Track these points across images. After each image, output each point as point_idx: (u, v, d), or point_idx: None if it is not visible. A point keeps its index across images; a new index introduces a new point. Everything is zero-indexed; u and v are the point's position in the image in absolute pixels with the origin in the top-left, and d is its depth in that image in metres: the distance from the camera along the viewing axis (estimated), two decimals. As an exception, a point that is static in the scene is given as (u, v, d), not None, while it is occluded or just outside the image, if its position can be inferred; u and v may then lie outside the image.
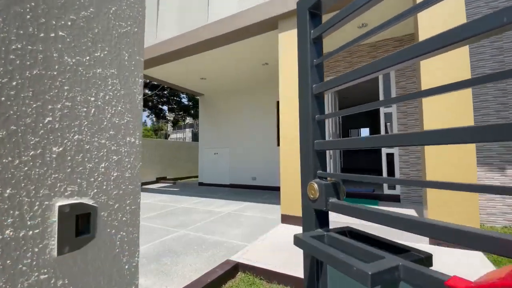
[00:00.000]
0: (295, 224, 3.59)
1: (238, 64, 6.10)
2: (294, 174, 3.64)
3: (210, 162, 8.59)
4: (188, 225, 3.94)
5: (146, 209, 5.16)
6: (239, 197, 6.23)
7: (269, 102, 7.35)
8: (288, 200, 3.70)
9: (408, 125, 4.48)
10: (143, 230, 3.76)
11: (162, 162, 10.12)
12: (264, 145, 7.40)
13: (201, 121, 9.00)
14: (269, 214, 4.51)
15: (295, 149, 3.65)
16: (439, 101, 2.82)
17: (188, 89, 8.29)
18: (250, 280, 2.26)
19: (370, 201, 4.68)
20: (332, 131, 5.47)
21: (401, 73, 4.58)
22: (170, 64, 6.13)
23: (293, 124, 3.69)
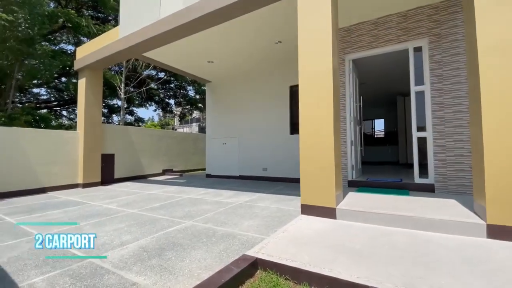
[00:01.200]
0: (318, 215, 3.11)
1: (248, 43, 5.60)
2: (316, 159, 3.16)
3: (218, 153, 8.16)
4: (195, 216, 3.51)
5: (149, 200, 4.77)
6: (249, 188, 5.78)
7: (282, 87, 6.83)
8: (309, 189, 3.22)
9: (444, 104, 3.92)
10: (144, 220, 3.35)
11: (169, 154, 9.75)
12: (275, 134, 6.91)
13: (208, 110, 8.56)
14: (285, 205, 4.05)
15: (317, 133, 3.16)
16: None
17: (195, 75, 7.83)
18: (273, 281, 1.81)
19: (399, 191, 4.16)
20: (353, 115, 4.94)
21: (436, 45, 4.01)
22: (175, 46, 5.67)
23: (315, 105, 3.19)
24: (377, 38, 4.50)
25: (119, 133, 8.00)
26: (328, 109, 3.08)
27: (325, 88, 3.12)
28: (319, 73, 3.17)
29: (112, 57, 6.14)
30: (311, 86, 3.23)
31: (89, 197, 5.24)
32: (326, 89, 3.11)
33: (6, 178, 5.41)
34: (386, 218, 2.73)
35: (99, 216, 3.65)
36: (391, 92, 9.99)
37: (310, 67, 3.26)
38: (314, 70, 3.21)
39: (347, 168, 4.72)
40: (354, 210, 2.92)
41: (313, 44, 3.22)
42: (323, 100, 3.12)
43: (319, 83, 3.17)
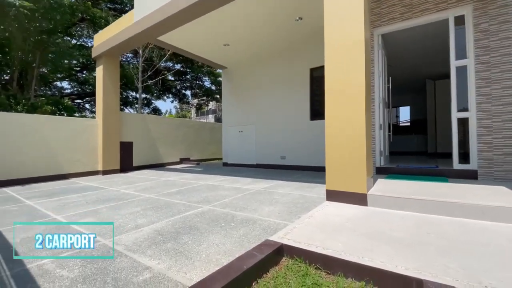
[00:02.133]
0: (346, 201, 2.82)
1: (266, 21, 5.27)
2: (344, 142, 2.85)
3: (234, 141, 7.97)
4: (212, 201, 3.33)
5: (166, 186, 4.67)
6: (267, 176, 5.55)
7: (302, 70, 6.45)
8: (336, 174, 2.92)
9: (491, 80, 3.43)
10: (161, 205, 3.22)
11: (186, 142, 9.72)
12: (294, 120, 6.59)
13: (225, 98, 8.35)
14: (307, 191, 3.78)
15: (346, 113, 2.84)
16: None
17: (210, 60, 7.61)
18: (302, 269, 1.57)
19: (436, 177, 3.75)
20: (383, 96, 4.52)
21: (482, 12, 3.50)
22: (190, 28, 5.46)
23: (344, 82, 2.86)
24: (412, 7, 4.02)
25: (137, 121, 8.01)
26: (359, 86, 2.75)
27: (356, 62, 2.78)
28: (349, 45, 2.82)
29: (127, 42, 6.04)
30: (339, 60, 2.89)
31: (108, 183, 5.24)
32: (357, 64, 2.77)
33: (30, 165, 5.54)
34: (428, 205, 2.40)
35: (116, 200, 3.57)
36: (420, 75, 9.27)
37: (338, 37, 2.91)
38: (343, 41, 2.87)
39: (375, 154, 4.35)
40: (389, 196, 2.60)
41: (343, 10, 2.87)
42: (353, 76, 2.79)
43: (348, 56, 2.82)
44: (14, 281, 1.50)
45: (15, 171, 5.30)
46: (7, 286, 1.45)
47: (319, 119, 6.14)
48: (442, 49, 6.27)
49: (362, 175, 2.74)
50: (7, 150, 5.22)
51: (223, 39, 6.16)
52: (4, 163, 5.16)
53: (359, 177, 2.76)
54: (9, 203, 3.59)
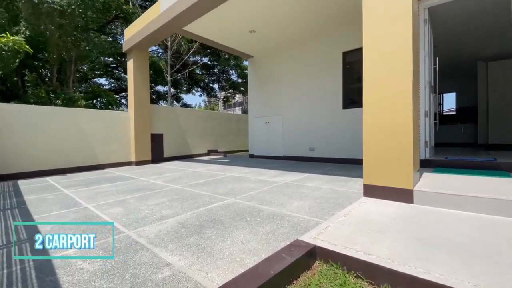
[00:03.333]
0: (388, 198, 2.49)
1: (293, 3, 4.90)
2: (386, 132, 2.50)
3: (261, 132, 7.78)
4: (238, 194, 3.19)
5: (193, 177, 4.65)
6: (295, 169, 5.30)
7: (333, 54, 5.99)
8: (375, 167, 2.60)
9: None
10: (186, 196, 3.16)
11: (214, 134, 9.77)
12: (325, 110, 6.19)
13: (251, 88, 8.15)
14: (340, 186, 3.47)
15: (389, 98, 2.48)
16: None
17: (236, 49, 7.42)
18: (339, 277, 1.34)
19: (494, 172, 3.21)
20: (429, 79, 3.98)
21: None
22: (216, 16, 5.29)
23: (387, 61, 2.49)
24: (468, -27, 3.41)
25: (167, 113, 8.17)
26: (406, 67, 2.38)
27: (401, 37, 2.39)
28: (393, 15, 2.43)
29: (155, 34, 6.07)
30: (381, 35, 2.52)
31: (139, 174, 5.39)
32: (404, 39, 2.38)
33: (69, 155, 5.89)
34: (492, 204, 1.99)
35: (144, 190, 3.60)
36: (469, 56, 8.20)
37: (380, 5, 2.53)
38: (386, 11, 2.48)
39: (419, 145, 3.86)
40: (440, 192, 2.23)
41: (384, -22, 2.47)
42: (398, 54, 2.41)
43: (393, 30, 2.44)
44: (35, 272, 1.48)
45: (55, 162, 5.67)
46: (28, 277, 1.42)
47: (353, 107, 5.68)
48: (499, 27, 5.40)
49: (408, 169, 2.39)
50: (48, 141, 5.58)
51: (249, 26, 5.92)
52: (46, 154, 5.55)
53: (404, 170, 2.41)
54: (47, 192, 3.80)
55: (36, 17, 6.65)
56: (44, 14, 6.73)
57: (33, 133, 5.37)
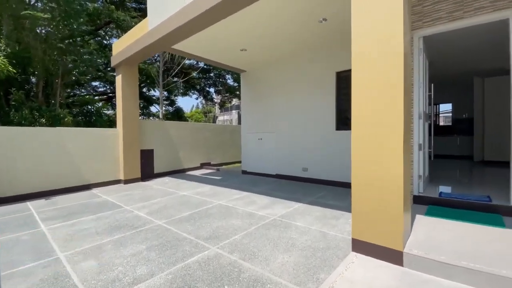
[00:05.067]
0: (376, 256, 2.35)
1: (286, 23, 4.74)
2: (372, 181, 2.35)
3: (254, 149, 7.62)
4: (222, 238, 3.03)
5: (180, 205, 4.48)
6: (287, 194, 5.15)
7: (326, 74, 5.84)
8: (363, 218, 2.45)
9: None
10: (167, 241, 2.99)
11: (206, 146, 9.59)
12: (318, 130, 6.04)
13: (244, 102, 7.98)
14: (330, 226, 3.33)
15: (377, 145, 2.33)
16: None
17: (228, 65, 7.25)
18: None
19: (488, 215, 3.08)
20: (423, 109, 3.83)
21: None
22: (204, 35, 5.12)
23: (375, 107, 2.34)
24: (462, 5, 3.26)
25: (156, 128, 7.98)
26: (396, 112, 2.21)
27: (391, 83, 2.24)
28: (382, 61, 2.28)
29: (143, 51, 5.88)
30: (370, 81, 2.36)
31: (125, 198, 5.20)
32: (394, 84, 2.23)
33: (53, 177, 5.69)
34: (482, 278, 1.85)
35: (125, 230, 3.43)
36: (466, 72, 8.10)
37: (368, 51, 2.37)
38: (374, 56, 2.33)
39: (412, 180, 3.73)
40: (430, 259, 2.08)
41: (374, 18, 2.31)
42: (388, 99, 2.26)
43: (382, 77, 2.29)
44: None
45: (39, 184, 5.47)
46: None
47: (344, 130, 5.54)
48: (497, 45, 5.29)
49: (398, 227, 2.24)
50: (30, 163, 5.38)
51: (240, 45, 5.74)
52: (29, 177, 5.34)
53: (393, 227, 2.27)
54: (24, 228, 3.61)
55: (19, 33, 6.43)
56: (27, 29, 6.50)
57: (14, 155, 5.16)
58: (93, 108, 10.26)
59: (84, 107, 10.90)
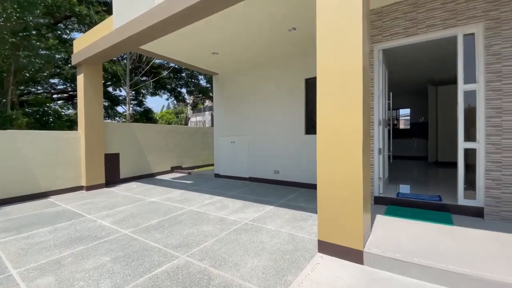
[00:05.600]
0: (340, 256, 2.50)
1: (257, 30, 4.83)
2: (338, 184, 2.50)
3: (226, 152, 7.61)
4: (192, 245, 3.00)
5: (148, 213, 4.33)
6: (259, 197, 5.23)
7: (296, 80, 6.05)
8: (328, 221, 2.59)
9: (503, 110, 3.07)
10: (133, 251, 2.88)
11: (177, 150, 9.34)
12: (289, 134, 6.22)
13: (216, 105, 7.94)
14: (299, 228, 3.46)
15: (340, 155, 2.48)
16: None
17: (200, 67, 7.17)
18: None
19: (438, 213, 3.43)
20: (383, 116, 4.15)
21: (494, 32, 3.10)
22: (174, 37, 5.02)
23: (338, 116, 2.49)
24: (417, 22, 3.61)
25: (123, 130, 7.60)
26: (356, 120, 2.38)
27: (352, 93, 2.40)
28: (344, 75, 2.44)
29: (108, 51, 5.58)
30: (333, 93, 2.52)
31: (87, 207, 4.89)
32: (354, 94, 2.39)
33: (5, 184, 5.16)
34: (432, 273, 2.07)
35: (87, 240, 3.23)
36: (421, 80, 8.88)
37: (331, 65, 2.52)
38: (336, 68, 2.48)
39: (373, 182, 4.02)
40: (387, 257, 2.27)
41: (336, 36, 2.47)
42: (348, 107, 2.42)
43: (343, 89, 2.45)
44: None
45: (-13, 194, 4.94)
46: None
47: (314, 134, 5.78)
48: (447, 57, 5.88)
49: (358, 228, 2.41)
50: (-23, 171, 4.83)
51: (212, 48, 5.72)
52: (-25, 186, 4.79)
53: (354, 229, 2.43)
54: (-32, 245, 3.24)
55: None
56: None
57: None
58: (50, 109, 9.41)
59: (40, 108, 9.99)
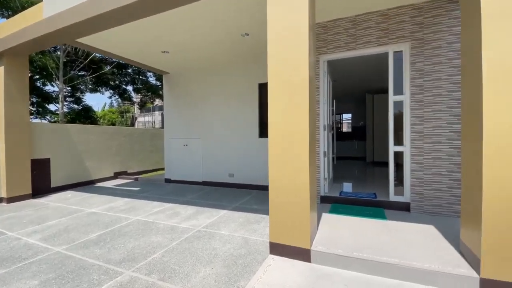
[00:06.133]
0: (290, 256, 2.61)
1: (209, 33, 4.76)
2: (286, 188, 2.61)
3: (178, 155, 7.29)
4: (138, 259, 2.79)
5: (87, 226, 3.88)
6: (213, 201, 5.15)
7: (250, 84, 6.14)
8: (278, 223, 2.69)
9: (424, 118, 3.61)
10: (68, 271, 2.54)
11: (122, 153, 8.58)
12: (243, 137, 6.28)
13: (167, 106, 7.56)
14: (252, 231, 3.50)
15: (289, 159, 2.60)
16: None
17: (147, 65, 6.75)
18: None
19: (374, 209, 3.86)
20: (327, 122, 4.49)
21: (418, 51, 3.64)
22: (119, 32, 4.63)
23: (287, 121, 2.61)
24: (356, 38, 4.01)
25: (55, 132, 6.68)
26: (303, 125, 2.52)
27: (298, 100, 2.54)
28: (292, 84, 2.57)
29: (36, 42, 4.85)
30: (282, 99, 2.63)
31: (9, 222, 4.16)
32: (300, 101, 2.54)
33: None
34: (369, 265, 2.32)
35: (8, 263, 2.74)
36: (361, 89, 9.88)
37: (281, 74, 2.63)
38: (284, 77, 2.60)
39: (319, 183, 4.31)
40: (331, 253, 2.46)
41: (285, 46, 2.59)
42: (296, 113, 2.55)
43: (291, 96, 2.57)
44: None
45: None
46: None
47: (267, 137, 5.93)
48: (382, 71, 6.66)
49: (306, 227, 2.55)
50: None
51: (162, 46, 5.43)
52: None
53: (302, 229, 2.57)
54: None
55: None
56: None
57: None
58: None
59: None
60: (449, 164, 3.48)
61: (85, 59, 15.38)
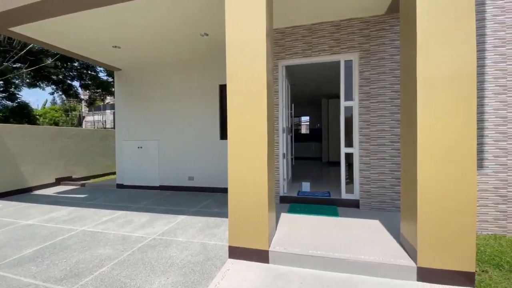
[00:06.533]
0: (249, 258, 2.63)
1: (166, 30, 4.55)
2: (244, 187, 2.63)
3: (132, 158, 6.82)
4: (84, 274, 2.53)
5: (21, 240, 3.39)
6: (170, 206, 4.93)
7: (210, 85, 6.02)
8: (237, 226, 2.68)
9: (370, 122, 3.96)
10: (-7, 298, 2.19)
11: (66, 156, 7.69)
12: (204, 139, 6.13)
13: (118, 105, 7.01)
14: (211, 236, 3.44)
15: (248, 162, 2.62)
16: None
17: (96, 60, 6.18)
18: None
19: (329, 207, 4.10)
20: (286, 125, 4.63)
21: (366, 61, 3.97)
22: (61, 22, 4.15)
23: (245, 114, 2.63)
24: (311, 46, 4.22)
25: (-21, 133, 5.71)
26: (261, 128, 2.56)
27: (257, 103, 2.58)
28: (250, 87, 2.59)
29: (-49, 26, 4.09)
30: (241, 103, 2.63)
31: None
32: (259, 104, 2.57)
33: None
34: (323, 262, 2.45)
35: None
36: (317, 94, 10.42)
37: (240, 77, 2.63)
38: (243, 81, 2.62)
39: (279, 184, 4.43)
40: (288, 252, 2.54)
41: (243, 51, 2.60)
42: (254, 116, 2.59)
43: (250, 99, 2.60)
44: None
45: None
46: None
47: (227, 139, 5.90)
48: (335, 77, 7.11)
49: (264, 228, 2.60)
50: None
51: (112, 40, 5.02)
52: None
53: (260, 230, 2.61)
54: None
55: None
56: None
57: None
58: None
59: None
60: (391, 164, 3.87)
61: (21, 50, 13.51)
